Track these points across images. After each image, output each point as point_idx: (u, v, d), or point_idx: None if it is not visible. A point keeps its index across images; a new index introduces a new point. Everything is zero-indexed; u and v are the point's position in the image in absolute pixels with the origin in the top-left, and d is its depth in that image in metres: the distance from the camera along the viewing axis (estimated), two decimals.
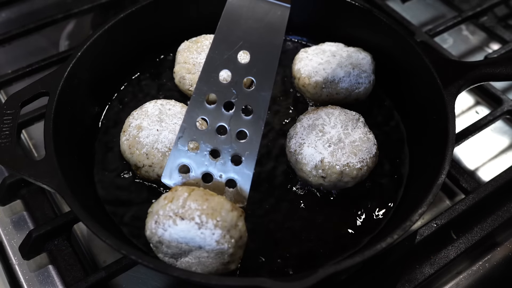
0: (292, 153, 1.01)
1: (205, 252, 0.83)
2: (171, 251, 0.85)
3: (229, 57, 0.87)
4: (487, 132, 1.20)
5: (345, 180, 0.98)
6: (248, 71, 0.87)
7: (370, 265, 0.94)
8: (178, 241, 0.82)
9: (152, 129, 1.00)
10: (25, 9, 1.54)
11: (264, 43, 0.87)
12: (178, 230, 0.82)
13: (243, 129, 0.88)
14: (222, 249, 0.82)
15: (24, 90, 0.99)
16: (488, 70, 1.03)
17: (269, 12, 0.87)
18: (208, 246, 0.82)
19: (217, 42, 0.87)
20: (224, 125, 0.88)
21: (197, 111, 0.88)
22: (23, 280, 0.95)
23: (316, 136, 1.00)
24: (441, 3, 1.60)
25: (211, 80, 0.87)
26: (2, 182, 1.02)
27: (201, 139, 0.89)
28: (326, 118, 1.03)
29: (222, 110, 0.88)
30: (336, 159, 0.97)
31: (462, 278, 0.97)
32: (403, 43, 1.12)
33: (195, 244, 0.82)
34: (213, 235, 0.81)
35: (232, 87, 0.87)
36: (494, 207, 1.04)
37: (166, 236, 0.83)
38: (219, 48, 0.87)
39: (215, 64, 0.87)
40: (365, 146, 0.99)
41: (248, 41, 0.87)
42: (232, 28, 0.87)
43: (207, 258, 0.84)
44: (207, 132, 0.89)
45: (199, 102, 0.88)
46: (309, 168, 0.98)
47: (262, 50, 0.87)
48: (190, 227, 0.81)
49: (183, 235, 0.82)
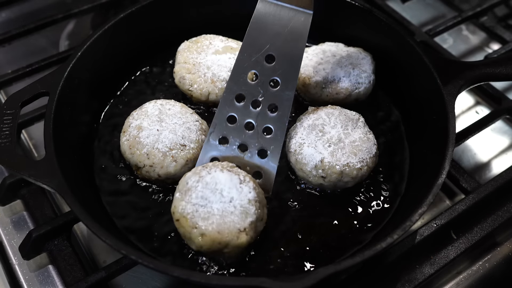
0: (292, 153, 1.01)
1: (233, 207, 0.87)
2: (196, 199, 0.87)
3: (256, 59, 0.96)
4: (487, 132, 1.20)
5: (345, 180, 0.98)
6: (273, 72, 0.96)
7: (370, 265, 0.94)
8: (216, 184, 0.88)
9: (152, 129, 1.00)
10: (25, 9, 1.54)
11: (289, 47, 0.95)
12: (221, 176, 0.89)
13: (269, 125, 0.96)
14: (250, 209, 0.87)
15: (24, 90, 0.99)
16: (488, 70, 1.03)
17: (293, 18, 0.96)
18: (240, 201, 0.87)
19: (246, 45, 0.96)
20: (251, 121, 0.96)
21: (228, 108, 0.97)
22: (23, 280, 0.95)
23: (316, 136, 1.00)
24: (441, 3, 1.60)
25: (240, 80, 0.96)
26: (2, 182, 1.02)
27: (230, 134, 0.97)
28: (326, 118, 1.03)
29: (250, 108, 0.96)
30: (336, 159, 0.97)
31: (462, 278, 0.97)
32: (403, 43, 1.12)
33: (229, 194, 0.88)
34: (249, 193, 0.88)
35: (259, 87, 0.96)
36: (494, 207, 1.04)
37: (208, 178, 0.88)
38: (248, 51, 0.96)
39: (243, 65, 0.96)
40: (365, 146, 0.99)
41: (274, 44, 0.95)
42: (259, 33, 0.96)
43: (231, 214, 0.86)
44: (236, 128, 0.97)
45: (229, 100, 0.97)
46: (309, 168, 0.98)
47: (286, 53, 0.95)
48: (234, 178, 0.89)
49: (224, 182, 0.88)
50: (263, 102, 0.96)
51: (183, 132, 1.01)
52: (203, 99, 1.13)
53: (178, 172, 0.98)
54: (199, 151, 1.00)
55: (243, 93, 0.96)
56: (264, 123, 0.96)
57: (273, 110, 0.96)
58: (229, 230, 0.85)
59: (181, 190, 0.90)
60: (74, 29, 1.48)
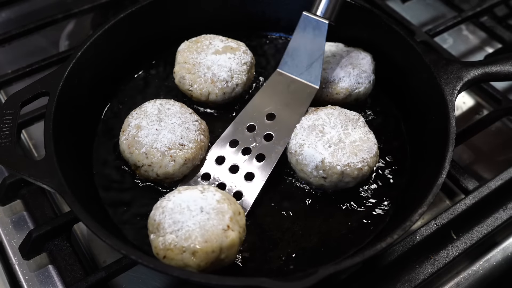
0: (293, 154, 1.01)
1: (206, 214, 0.86)
2: (169, 228, 0.85)
3: (258, 115, 1.07)
4: (487, 132, 1.20)
5: (346, 180, 0.98)
6: (270, 128, 1.05)
7: (370, 265, 0.94)
8: (181, 205, 0.87)
9: (151, 129, 1.00)
10: (25, 9, 1.54)
11: (290, 112, 1.06)
12: (182, 197, 0.89)
13: (252, 171, 1.01)
14: (223, 207, 0.87)
15: (24, 90, 0.99)
16: (488, 70, 1.03)
17: (301, 89, 1.09)
18: (209, 205, 0.87)
19: (253, 105, 1.08)
20: (237, 165, 1.02)
21: (219, 150, 1.04)
22: (23, 280, 0.95)
23: (316, 137, 1.00)
24: (441, 3, 1.60)
25: (238, 129, 1.05)
26: (2, 182, 1.02)
27: (214, 172, 1.02)
28: (326, 118, 1.03)
29: (239, 153, 1.03)
30: (336, 159, 0.97)
31: (462, 278, 0.97)
32: (403, 43, 1.12)
33: (196, 206, 0.87)
34: (214, 195, 0.89)
35: (254, 137, 1.04)
36: (494, 207, 1.04)
37: (170, 204, 0.87)
38: (253, 109, 1.08)
39: (246, 116, 1.07)
40: (365, 146, 0.99)
41: (277, 107, 1.07)
42: (268, 97, 1.09)
43: (208, 220, 0.85)
44: (221, 169, 1.02)
45: (223, 142, 1.04)
46: (310, 169, 0.98)
47: (286, 115, 1.06)
48: (194, 192, 0.89)
49: (187, 199, 0.88)
50: (253, 150, 1.03)
51: (182, 132, 1.01)
52: (203, 99, 1.13)
53: (176, 171, 0.98)
54: (198, 150, 1.00)
55: (238, 140, 1.04)
56: (248, 169, 1.01)
57: (260, 159, 1.02)
58: (215, 234, 0.84)
59: (153, 230, 0.88)
60: (74, 29, 1.48)
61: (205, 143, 1.04)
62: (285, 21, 1.31)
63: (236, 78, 1.12)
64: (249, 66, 1.16)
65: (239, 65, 1.13)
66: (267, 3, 1.28)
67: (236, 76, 1.12)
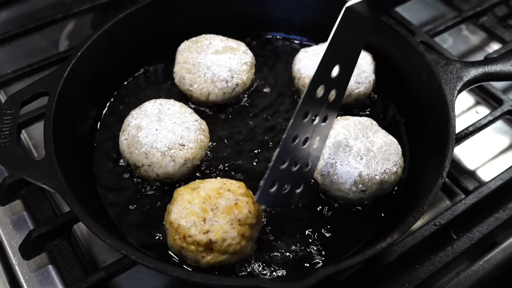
0: (325, 175, 0.97)
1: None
2: None
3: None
4: (487, 132, 1.20)
5: (384, 187, 0.97)
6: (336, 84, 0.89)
7: (370, 265, 0.94)
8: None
9: (151, 129, 1.00)
10: (25, 9, 1.54)
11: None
12: None
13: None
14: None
15: (24, 90, 0.99)
16: (488, 70, 1.03)
17: None
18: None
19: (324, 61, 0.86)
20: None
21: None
22: (23, 280, 0.95)
23: (344, 152, 0.98)
24: (441, 3, 1.60)
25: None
26: (2, 182, 1.02)
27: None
28: (346, 131, 1.01)
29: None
30: (373, 170, 0.96)
31: (462, 278, 0.97)
32: (403, 43, 1.12)
33: None
34: None
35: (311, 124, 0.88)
36: (494, 207, 1.04)
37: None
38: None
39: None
40: (392, 149, 0.99)
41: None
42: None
43: None
44: None
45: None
46: (348, 186, 0.96)
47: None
48: None
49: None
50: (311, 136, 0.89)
51: (182, 132, 1.01)
52: (203, 99, 1.13)
53: (176, 172, 0.98)
54: (198, 150, 1.00)
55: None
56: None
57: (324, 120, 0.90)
58: None
59: None
60: (74, 29, 1.48)
61: (205, 143, 1.04)
62: (285, 21, 1.31)
63: (236, 78, 1.12)
64: (249, 66, 1.16)
65: (239, 65, 1.13)
66: (267, 3, 1.28)
67: (236, 76, 1.12)
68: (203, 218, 0.87)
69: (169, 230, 0.89)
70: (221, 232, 0.85)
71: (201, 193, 0.90)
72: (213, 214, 0.87)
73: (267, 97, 1.20)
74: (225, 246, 0.85)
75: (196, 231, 0.85)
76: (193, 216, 0.87)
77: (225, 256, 0.87)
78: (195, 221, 0.86)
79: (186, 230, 0.86)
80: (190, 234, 0.85)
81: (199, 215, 0.87)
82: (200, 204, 0.88)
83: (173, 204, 0.90)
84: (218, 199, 0.89)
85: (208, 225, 0.86)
